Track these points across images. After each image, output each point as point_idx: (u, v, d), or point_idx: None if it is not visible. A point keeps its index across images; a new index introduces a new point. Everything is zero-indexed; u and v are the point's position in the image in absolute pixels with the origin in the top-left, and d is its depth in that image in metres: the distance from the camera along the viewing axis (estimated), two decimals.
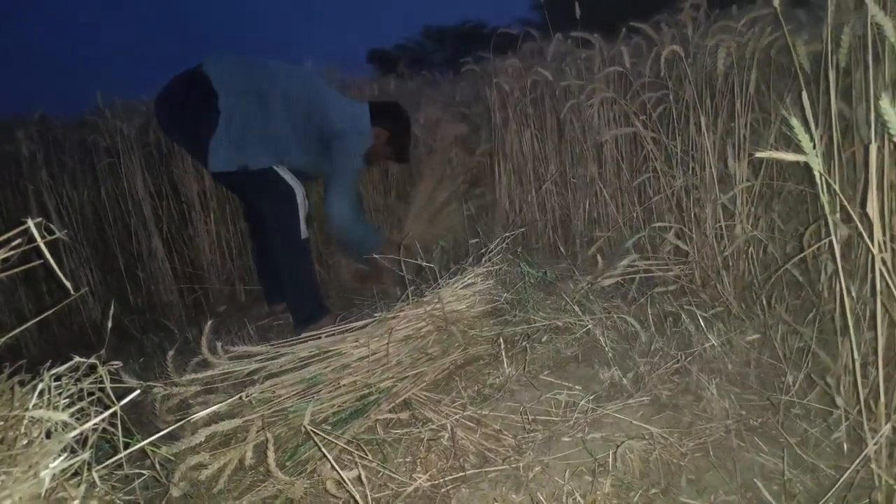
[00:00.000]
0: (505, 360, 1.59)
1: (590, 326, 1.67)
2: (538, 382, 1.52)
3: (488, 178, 3.08)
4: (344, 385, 1.51)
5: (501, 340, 1.65)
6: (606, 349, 1.55)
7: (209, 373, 1.47)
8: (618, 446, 1.17)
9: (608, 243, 2.39)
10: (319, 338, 1.65)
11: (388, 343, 1.59)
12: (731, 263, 1.79)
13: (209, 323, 1.51)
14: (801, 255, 1.48)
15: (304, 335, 1.66)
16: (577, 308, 1.77)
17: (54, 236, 0.79)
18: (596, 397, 1.38)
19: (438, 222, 2.95)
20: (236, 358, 1.54)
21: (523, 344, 1.69)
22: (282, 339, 1.63)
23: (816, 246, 1.45)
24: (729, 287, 1.76)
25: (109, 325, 1.05)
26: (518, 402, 1.43)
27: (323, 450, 1.03)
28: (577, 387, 1.45)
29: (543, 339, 1.71)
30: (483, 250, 2.13)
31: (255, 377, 1.50)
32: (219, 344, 1.52)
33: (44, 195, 2.60)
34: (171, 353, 1.46)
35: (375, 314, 1.75)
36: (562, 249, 2.53)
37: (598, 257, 2.12)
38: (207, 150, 2.01)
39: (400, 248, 2.60)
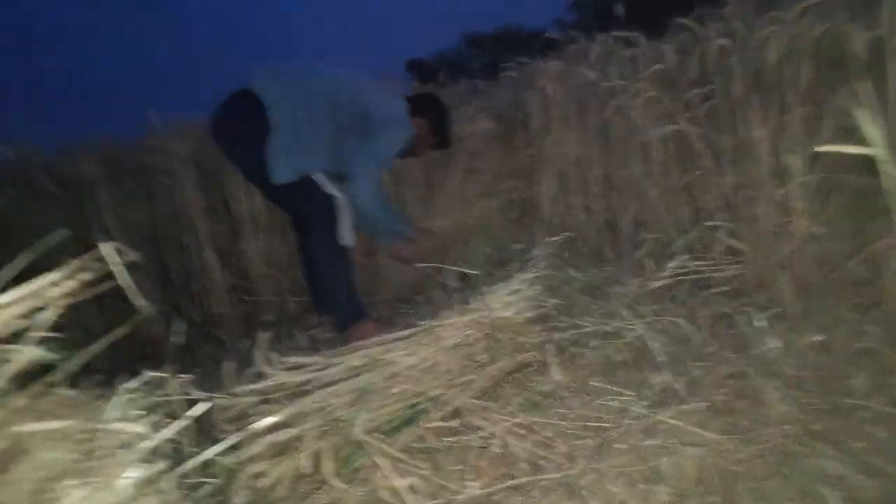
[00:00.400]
0: (553, 366, 1.58)
1: (640, 331, 1.64)
2: (588, 388, 1.51)
3: (529, 182, 3.08)
4: (394, 394, 1.53)
5: (549, 346, 1.65)
6: (658, 353, 1.52)
7: (264, 384, 1.51)
8: (673, 453, 1.16)
9: (657, 245, 2.35)
10: (369, 347, 1.68)
11: (436, 351, 1.60)
12: (788, 262, 1.74)
13: (263, 335, 1.55)
14: (864, 251, 1.43)
15: (352, 345, 1.69)
16: (626, 312, 1.74)
17: (126, 258, 0.84)
18: (649, 403, 1.36)
19: (470, 214, 2.96)
20: (289, 369, 1.58)
21: (572, 350, 1.68)
22: (332, 350, 1.67)
23: (881, 242, 1.40)
24: (786, 287, 1.71)
25: (174, 340, 1.10)
26: (568, 409, 1.42)
27: (376, 458, 1.05)
28: (628, 392, 1.43)
29: (592, 345, 1.69)
30: (527, 255, 2.13)
31: (308, 387, 1.53)
32: (273, 355, 1.57)
33: (105, 215, 2.74)
34: (226, 365, 1.51)
35: (421, 322, 1.77)
36: (608, 253, 2.49)
37: (647, 260, 2.09)
38: (260, 165, 2.08)
39: (431, 241, 2.62)
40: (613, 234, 2.66)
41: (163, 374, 0.93)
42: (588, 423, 1.34)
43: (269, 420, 1.20)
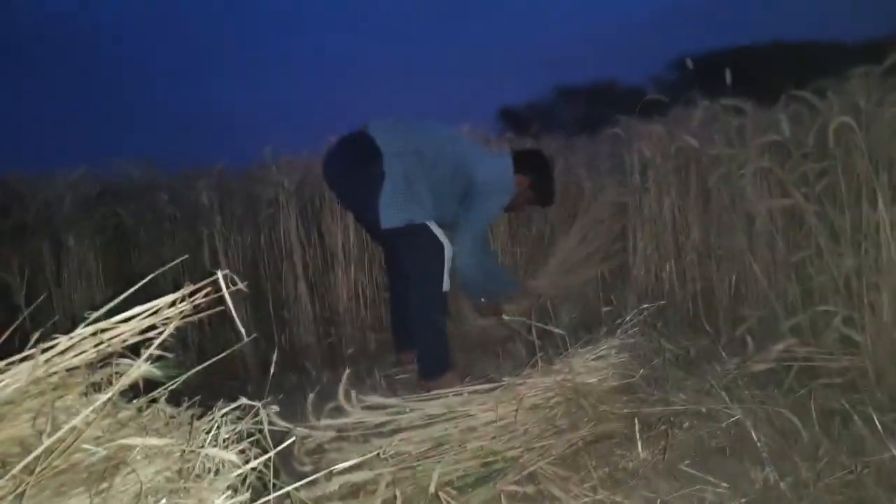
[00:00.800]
0: (640, 442, 1.49)
1: (739, 416, 1.52)
2: (677, 473, 1.41)
3: (622, 244, 3.00)
4: (470, 449, 1.49)
5: (636, 420, 1.56)
6: (760, 445, 1.40)
7: (343, 420, 1.53)
8: None
9: (758, 323, 2.20)
10: (448, 396, 1.66)
11: (516, 410, 1.56)
12: None
13: (346, 371, 1.57)
14: None
15: (433, 392, 1.68)
16: (723, 393, 1.63)
17: (237, 287, 0.88)
18: (748, 500, 1.25)
19: (575, 278, 2.92)
20: (369, 408, 1.58)
21: (661, 427, 1.58)
22: (408, 392, 1.66)
23: None
24: None
25: (272, 370, 1.13)
26: (655, 493, 1.33)
27: None
28: (723, 484, 1.32)
29: (684, 425, 1.59)
30: (617, 320, 2.06)
31: (384, 429, 1.53)
32: (353, 392, 1.58)
33: (215, 238, 2.92)
34: (311, 397, 1.53)
35: (504, 378, 1.73)
36: (705, 325, 2.36)
37: (748, 338, 1.96)
38: (372, 208, 2.17)
39: (531, 301, 2.59)
40: (709, 306, 2.53)
41: (255, 403, 0.96)
42: None
43: (350, 462, 1.19)
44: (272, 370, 1.15)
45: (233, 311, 0.85)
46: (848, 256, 1.87)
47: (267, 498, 0.93)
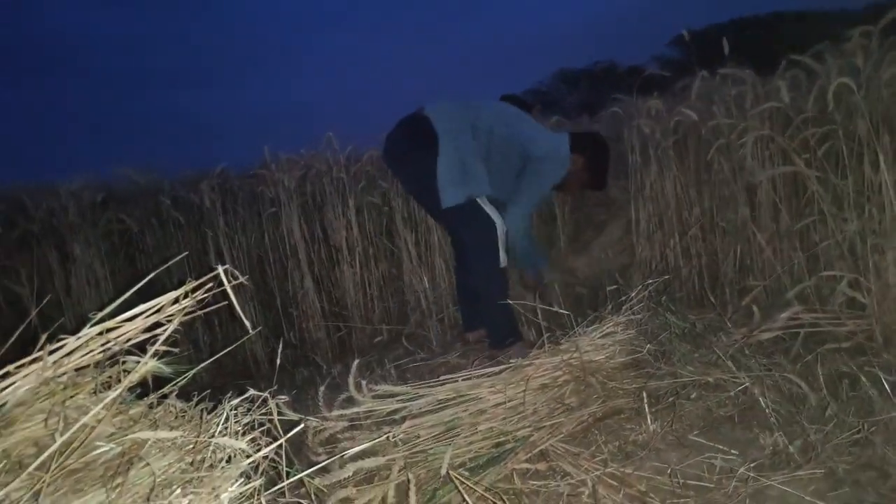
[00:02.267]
0: (649, 415, 1.50)
1: (746, 384, 1.53)
2: (687, 443, 1.41)
3: (625, 223, 3.00)
4: (481, 431, 1.51)
5: (645, 394, 1.57)
6: (768, 411, 1.41)
7: (355, 410, 1.54)
8: None
9: (764, 293, 2.20)
10: (457, 381, 1.68)
11: (524, 391, 1.57)
12: None
13: (356, 362, 1.59)
14: None
15: (440, 378, 1.70)
16: (730, 363, 1.63)
17: (238, 281, 0.89)
18: (757, 465, 1.26)
19: (612, 263, 2.92)
20: (379, 397, 1.60)
21: (669, 399, 1.59)
22: (419, 380, 1.68)
23: None
24: None
25: (278, 362, 1.15)
26: (665, 463, 1.34)
27: (464, 495, 1.04)
28: (733, 451, 1.33)
29: (692, 396, 1.59)
30: (622, 298, 2.06)
31: (396, 416, 1.55)
32: (363, 382, 1.60)
33: (220, 239, 2.94)
34: (321, 389, 1.55)
35: (511, 360, 1.74)
36: (710, 299, 2.36)
37: (754, 308, 1.95)
38: (429, 188, 2.21)
39: (535, 297, 2.59)
40: (714, 280, 2.52)
41: (263, 394, 0.97)
42: (687, 481, 1.25)
43: (361, 447, 1.21)
44: (278, 360, 1.17)
45: (234, 302, 0.87)
46: (851, 220, 1.86)
47: (281, 486, 0.95)
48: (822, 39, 2.16)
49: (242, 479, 0.80)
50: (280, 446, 0.90)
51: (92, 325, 0.85)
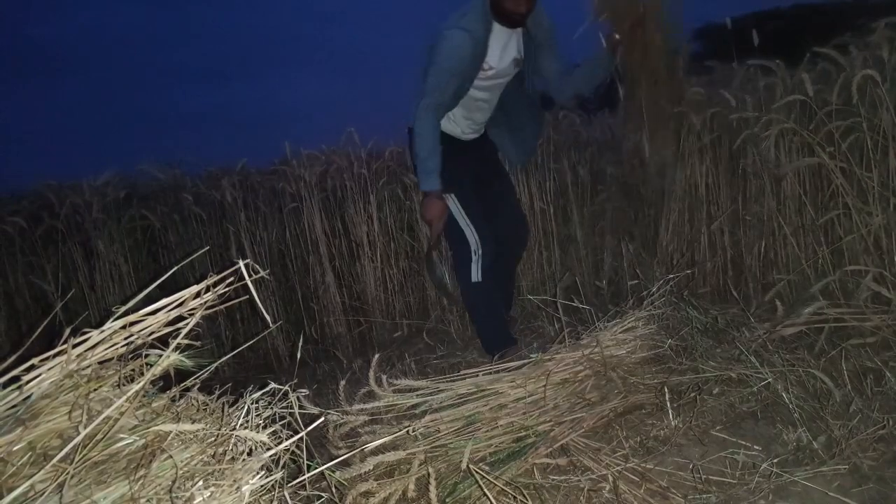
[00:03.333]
0: (670, 411, 1.49)
1: (770, 380, 1.50)
2: (709, 438, 1.40)
3: (646, 217, 2.95)
4: (501, 426, 1.51)
5: (666, 390, 1.55)
6: (791, 407, 1.38)
7: (375, 404, 1.55)
8: None
9: (788, 288, 2.16)
10: (477, 375, 1.68)
11: (545, 386, 1.57)
12: None
13: (376, 356, 1.60)
14: None
15: (461, 373, 1.70)
16: (753, 359, 1.61)
17: (259, 275, 0.90)
18: (780, 461, 1.24)
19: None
20: (399, 391, 1.61)
21: (691, 395, 1.57)
22: (440, 375, 1.68)
23: None
24: None
25: (299, 355, 1.16)
26: (686, 459, 1.32)
27: (485, 489, 1.04)
28: (755, 447, 1.31)
29: (714, 392, 1.57)
30: (644, 292, 2.04)
31: (416, 411, 1.55)
32: (384, 377, 1.61)
33: (241, 235, 2.97)
34: (342, 383, 1.57)
35: (532, 355, 1.74)
36: (733, 293, 2.33)
37: (778, 303, 1.92)
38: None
39: (556, 292, 2.56)
40: (738, 274, 2.48)
41: (284, 387, 0.98)
42: (709, 476, 1.24)
43: (381, 441, 1.22)
44: (299, 354, 1.18)
45: (255, 296, 0.88)
46: (876, 214, 1.82)
47: (302, 479, 0.96)
48: (846, 31, 2.11)
49: (264, 472, 0.81)
50: (301, 440, 0.91)
51: (115, 319, 0.86)
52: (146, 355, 0.88)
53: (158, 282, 0.93)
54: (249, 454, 0.83)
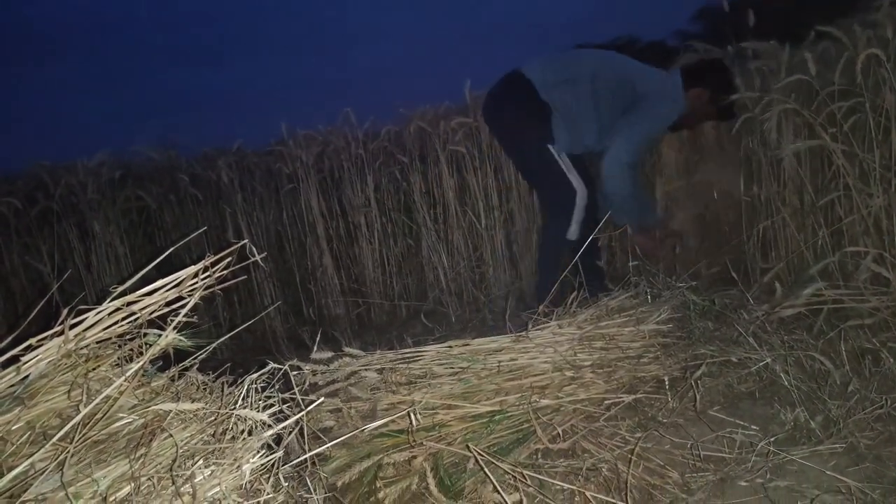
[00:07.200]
0: (669, 392, 1.49)
1: (768, 361, 1.51)
2: (707, 418, 1.41)
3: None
4: (504, 407, 1.50)
5: (664, 371, 1.56)
6: (789, 387, 1.39)
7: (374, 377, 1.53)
8: (811, 500, 1.04)
9: (788, 269, 2.16)
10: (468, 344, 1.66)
11: (542, 362, 1.56)
12: None
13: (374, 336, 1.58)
14: None
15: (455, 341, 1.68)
16: (751, 340, 1.61)
17: (254, 259, 0.90)
18: (777, 440, 1.25)
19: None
20: (399, 361, 1.58)
21: (690, 377, 1.58)
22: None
23: None
24: None
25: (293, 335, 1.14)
26: (684, 438, 1.33)
27: (486, 471, 1.04)
28: (753, 426, 1.32)
29: (714, 373, 1.58)
30: (642, 273, 2.04)
31: (417, 384, 1.53)
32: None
33: (238, 216, 2.96)
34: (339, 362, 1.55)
35: (531, 332, 1.73)
36: (732, 275, 2.33)
37: (777, 284, 1.92)
38: (527, 143, 2.24)
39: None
40: (737, 256, 2.48)
41: (283, 367, 0.98)
42: (707, 454, 1.25)
43: (379, 422, 1.22)
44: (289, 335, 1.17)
45: (252, 279, 0.87)
46: (877, 195, 1.81)
47: (303, 457, 0.96)
48: (850, 10, 2.09)
49: (264, 451, 0.81)
50: (300, 418, 0.90)
51: (112, 300, 0.85)
52: (144, 335, 0.87)
53: (154, 263, 0.93)
54: (250, 434, 0.83)
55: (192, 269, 0.94)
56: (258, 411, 0.84)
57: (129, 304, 0.86)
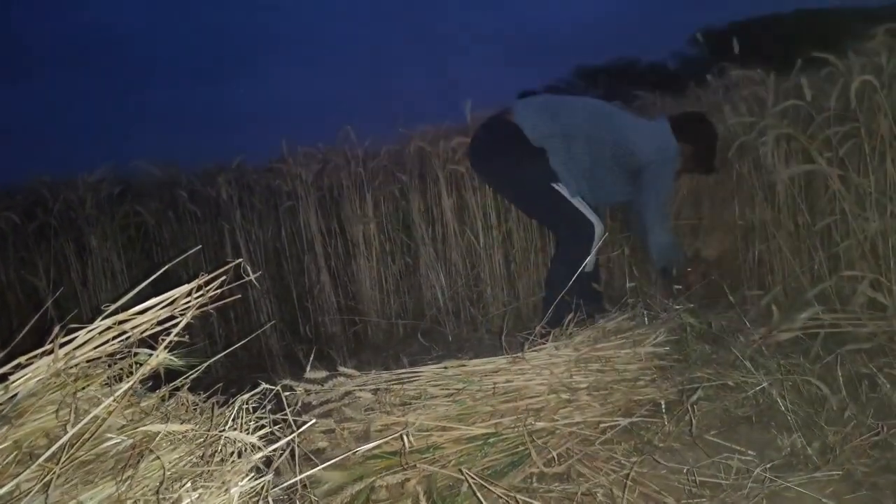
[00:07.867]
0: (665, 416, 1.48)
1: (765, 385, 1.50)
2: (703, 443, 1.39)
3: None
4: (498, 430, 1.49)
5: (661, 394, 1.55)
6: (786, 412, 1.38)
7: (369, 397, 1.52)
8: None
9: (784, 293, 2.16)
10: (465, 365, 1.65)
11: (538, 384, 1.56)
12: None
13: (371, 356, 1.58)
14: None
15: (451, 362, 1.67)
16: (748, 364, 1.60)
17: (249, 277, 0.89)
18: (773, 466, 1.23)
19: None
20: (394, 382, 1.57)
21: (686, 401, 1.57)
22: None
23: None
24: None
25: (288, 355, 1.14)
26: (681, 463, 1.32)
27: (479, 496, 1.03)
28: (750, 452, 1.31)
29: (710, 397, 1.57)
30: (639, 295, 2.04)
31: (412, 405, 1.52)
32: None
33: (236, 233, 2.96)
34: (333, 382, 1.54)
35: (524, 352, 1.72)
36: (729, 298, 2.33)
37: (773, 308, 1.92)
38: (520, 184, 2.26)
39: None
40: (734, 279, 2.48)
41: (275, 388, 0.97)
42: (703, 480, 1.23)
43: (372, 444, 1.20)
44: (284, 354, 1.16)
45: (248, 298, 0.86)
46: (873, 219, 1.82)
47: (294, 479, 0.95)
48: (846, 37, 2.11)
49: (253, 474, 0.80)
50: (291, 440, 0.90)
51: (104, 318, 0.85)
52: (135, 354, 0.87)
53: (150, 279, 0.92)
54: (239, 456, 0.82)
55: (185, 287, 0.93)
56: (248, 433, 0.83)
57: (120, 322, 0.85)
